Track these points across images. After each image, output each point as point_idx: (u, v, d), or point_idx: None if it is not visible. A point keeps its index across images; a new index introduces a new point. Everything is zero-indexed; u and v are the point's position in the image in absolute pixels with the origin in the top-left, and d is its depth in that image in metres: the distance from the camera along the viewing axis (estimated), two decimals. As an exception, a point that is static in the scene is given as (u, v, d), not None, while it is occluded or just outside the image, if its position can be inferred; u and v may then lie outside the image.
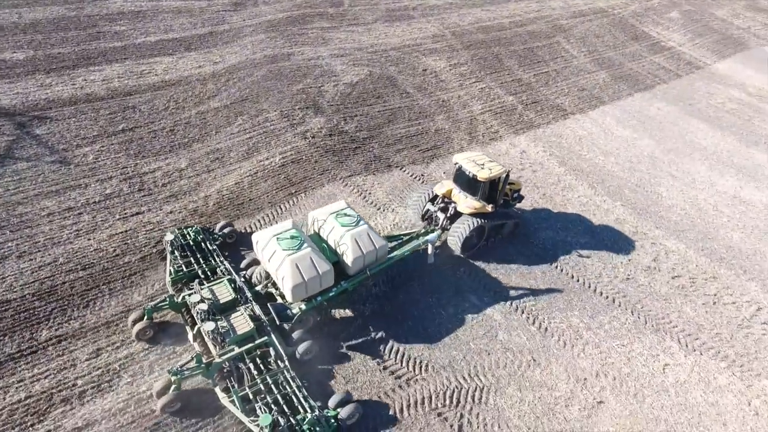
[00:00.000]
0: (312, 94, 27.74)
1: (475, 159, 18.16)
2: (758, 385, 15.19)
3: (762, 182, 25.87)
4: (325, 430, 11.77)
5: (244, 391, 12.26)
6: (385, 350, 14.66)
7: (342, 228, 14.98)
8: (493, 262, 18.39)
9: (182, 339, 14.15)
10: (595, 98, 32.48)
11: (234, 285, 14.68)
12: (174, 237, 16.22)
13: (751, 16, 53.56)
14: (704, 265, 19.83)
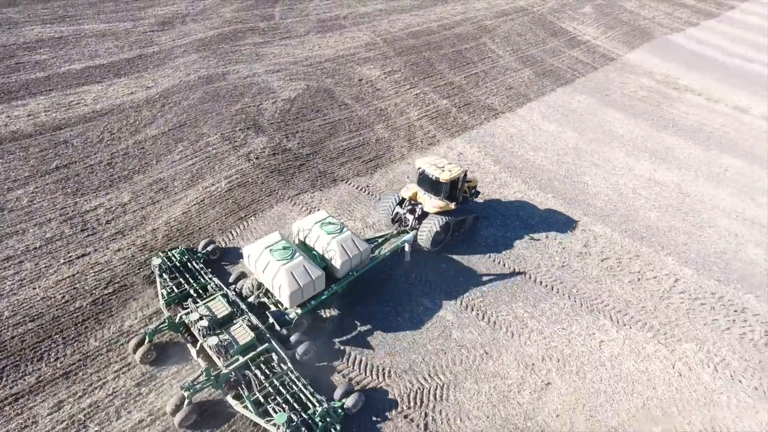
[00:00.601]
0: (252, 114, 27.97)
1: (436, 163, 19.99)
2: (680, 349, 17.22)
3: (672, 164, 28.68)
4: (335, 420, 13.05)
5: (255, 395, 13.27)
6: (348, 362, 15.49)
7: (328, 235, 16.35)
8: (443, 264, 19.61)
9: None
10: (522, 96, 34.60)
11: (228, 299, 15.73)
12: (161, 261, 16.88)
13: (655, 6, 58.26)
14: (628, 246, 21.97)
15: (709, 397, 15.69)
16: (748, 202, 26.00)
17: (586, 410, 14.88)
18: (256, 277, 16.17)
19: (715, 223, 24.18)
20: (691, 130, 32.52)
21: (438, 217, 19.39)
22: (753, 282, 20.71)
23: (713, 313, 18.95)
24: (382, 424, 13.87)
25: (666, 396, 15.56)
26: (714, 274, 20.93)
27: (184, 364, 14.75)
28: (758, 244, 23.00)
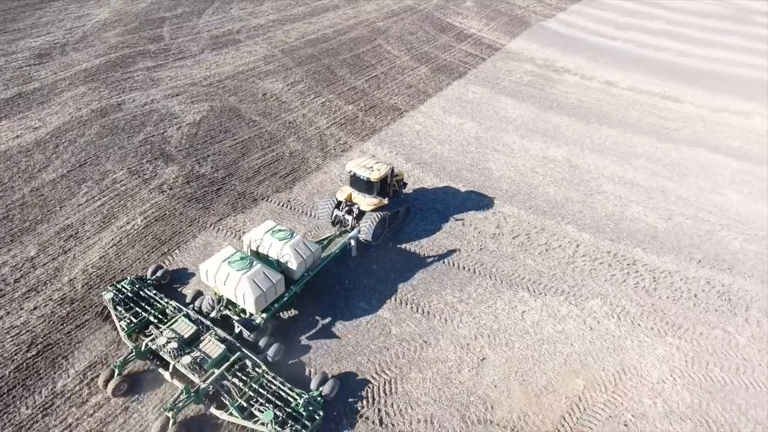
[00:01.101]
0: (157, 143, 27.15)
1: (364, 164, 21.53)
2: (588, 306, 19.65)
3: (561, 140, 31.91)
4: (317, 407, 14.31)
5: (237, 402, 14.09)
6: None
7: (280, 242, 17.44)
8: (373, 266, 20.64)
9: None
10: (422, 93, 36.51)
11: (190, 318, 16.26)
12: (113, 294, 16.97)
13: (528, -6, 63.32)
14: (534, 221, 24.38)
15: (616, 344, 18.16)
16: (626, 166, 29.69)
17: (519, 376, 16.67)
18: (217, 290, 16.86)
19: (602, 189, 27.42)
20: (572, 108, 36.24)
21: (374, 214, 21.06)
22: (638, 237, 23.93)
23: (611, 270, 21.73)
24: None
25: (582, 350, 17.79)
26: (607, 234, 23.89)
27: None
28: (638, 203, 26.47)
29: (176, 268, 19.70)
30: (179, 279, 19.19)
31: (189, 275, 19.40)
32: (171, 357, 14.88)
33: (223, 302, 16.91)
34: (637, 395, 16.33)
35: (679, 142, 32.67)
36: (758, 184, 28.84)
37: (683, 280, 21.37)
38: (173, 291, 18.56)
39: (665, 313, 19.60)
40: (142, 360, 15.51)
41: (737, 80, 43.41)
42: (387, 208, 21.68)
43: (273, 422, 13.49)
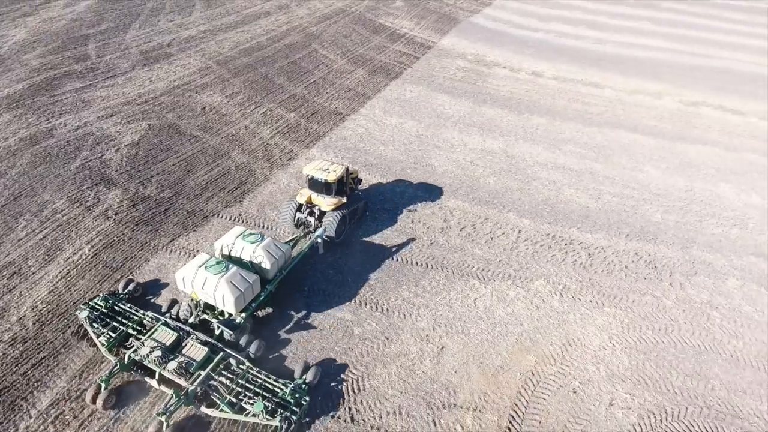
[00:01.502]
0: (96, 168, 26.45)
1: (320, 167, 22.69)
2: (533, 287, 21.22)
3: (496, 132, 33.68)
4: (303, 394, 15.51)
5: (227, 398, 15.01)
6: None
7: (252, 245, 18.46)
8: (330, 271, 21.30)
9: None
10: (361, 95, 37.32)
11: (170, 326, 16.87)
12: (88, 312, 17.33)
13: (454, -9, 65.42)
14: (478, 212, 25.82)
15: (561, 319, 19.79)
16: (557, 152, 31.82)
17: (477, 359, 17.90)
18: (194, 296, 17.59)
19: (537, 176, 29.32)
20: (504, 100, 38.21)
21: (335, 213, 22.29)
22: (572, 217, 25.89)
23: (551, 251, 23.48)
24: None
25: (531, 328, 19.28)
26: (545, 218, 25.69)
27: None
28: (570, 186, 28.53)
29: (147, 280, 20.05)
30: (152, 290, 19.71)
31: (161, 286, 20.04)
32: (156, 365, 15.58)
33: (201, 307, 17.75)
34: (583, 363, 17.97)
35: (602, 125, 35.30)
36: (673, 159, 31.75)
37: (615, 254, 23.45)
38: (147, 303, 19.10)
39: (601, 286, 21.50)
40: (126, 372, 16.05)
41: (648, 63, 47.08)
42: (346, 206, 23.01)
43: (264, 412, 14.59)
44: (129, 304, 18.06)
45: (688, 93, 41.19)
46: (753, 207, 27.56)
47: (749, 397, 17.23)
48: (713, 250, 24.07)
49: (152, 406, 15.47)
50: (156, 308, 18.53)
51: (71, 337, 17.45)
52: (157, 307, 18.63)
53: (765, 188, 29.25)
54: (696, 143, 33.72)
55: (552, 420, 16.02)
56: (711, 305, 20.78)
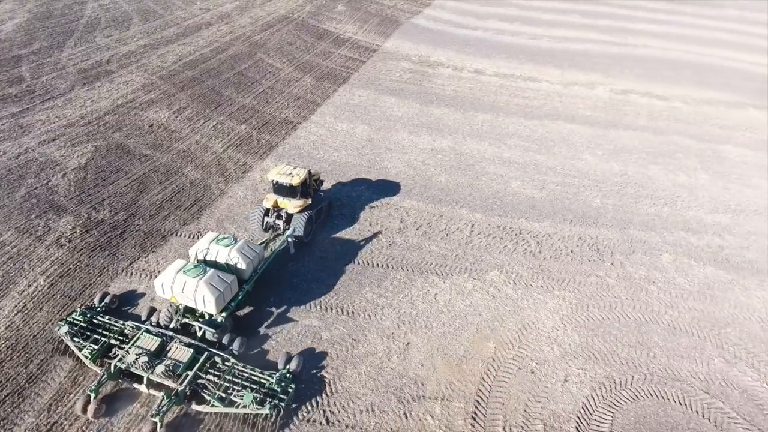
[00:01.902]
0: (42, 195, 25.74)
1: (284, 171, 23.74)
2: (488, 278, 22.51)
3: (444, 131, 34.98)
4: (288, 383, 16.60)
5: (216, 394, 15.88)
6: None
7: (227, 248, 19.40)
8: (294, 280, 21.80)
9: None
10: (311, 102, 37.75)
11: (152, 332, 17.52)
12: (68, 327, 17.63)
13: (394, -8, 66.57)
14: (432, 210, 26.94)
15: (516, 305, 21.14)
16: (502, 146, 33.43)
17: (441, 352, 18.93)
18: (174, 300, 18.32)
19: (486, 171, 30.77)
20: (449, 99, 39.62)
21: (302, 214, 23.52)
22: (520, 208, 27.45)
23: (503, 242, 24.88)
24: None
25: (489, 316, 20.52)
26: (495, 211, 27.11)
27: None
28: (517, 178, 30.14)
29: (122, 291, 20.62)
30: (128, 301, 20.20)
31: (138, 296, 20.55)
32: (143, 370, 16.23)
33: (181, 311, 18.47)
34: (538, 345, 19.35)
35: (542, 118, 37.29)
36: (607, 145, 34.03)
37: (561, 240, 25.12)
38: (124, 313, 19.56)
39: (550, 271, 23.06)
40: (113, 380, 16.58)
41: (580, 56, 49.84)
42: (311, 207, 24.25)
43: (253, 402, 15.56)
44: (107, 316, 18.57)
45: (618, 82, 44.01)
46: (680, 185, 30.06)
47: (686, 360, 19.10)
48: (648, 228, 26.20)
49: (142, 412, 16.12)
50: (135, 318, 19.10)
51: (53, 354, 17.72)
52: (136, 317, 19.20)
53: (689, 167, 31.91)
54: (627, 129, 36.23)
55: (514, 400, 17.26)
56: (648, 280, 22.73)
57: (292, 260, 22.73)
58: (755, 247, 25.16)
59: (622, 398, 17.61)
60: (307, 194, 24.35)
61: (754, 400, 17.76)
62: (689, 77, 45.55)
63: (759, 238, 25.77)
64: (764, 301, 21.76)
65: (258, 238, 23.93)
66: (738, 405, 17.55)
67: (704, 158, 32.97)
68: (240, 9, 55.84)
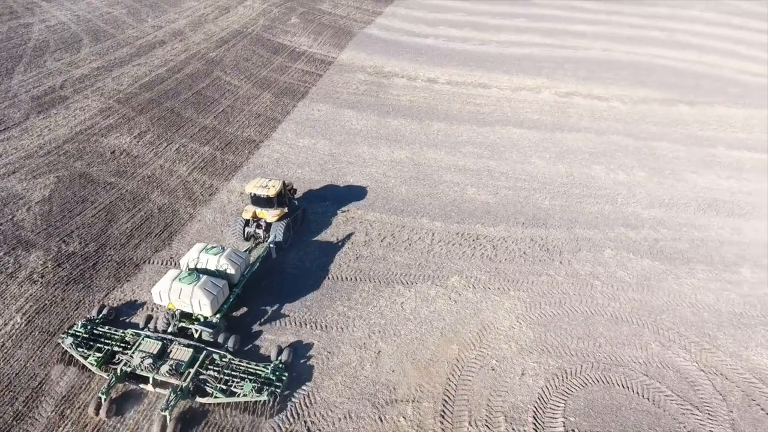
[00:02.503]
0: (8, 231, 25.85)
1: (260, 184, 25.92)
2: (450, 284, 24.31)
3: (402, 142, 36.66)
4: (282, 372, 18.81)
5: (218, 387, 17.85)
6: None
7: (216, 256, 21.41)
8: (267, 296, 22.95)
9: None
10: (272, 120, 38.70)
11: (152, 337, 19.27)
12: (72, 339, 19.23)
13: (345, 2, 67.81)
14: (395, 221, 28.56)
15: (475, 308, 23.01)
16: (457, 154, 35.40)
17: (410, 357, 20.56)
18: (171, 307, 20.10)
19: (443, 179, 32.63)
20: (405, 109, 41.36)
21: (280, 223, 25.72)
22: (476, 214, 29.42)
23: (461, 248, 26.75)
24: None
25: (452, 320, 22.29)
26: (453, 218, 28.98)
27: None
28: (472, 185, 32.14)
29: (119, 304, 22.30)
30: (125, 312, 21.91)
31: (136, 306, 22.28)
32: (149, 371, 18.05)
33: (177, 316, 20.26)
34: (497, 344, 21.26)
35: (493, 124, 39.53)
36: (554, 148, 36.55)
37: (514, 242, 27.22)
38: (122, 323, 21.20)
39: (506, 273, 25.08)
40: (121, 382, 18.29)
41: (526, 60, 52.58)
42: (288, 215, 26.39)
43: (252, 390, 17.61)
44: (107, 327, 20.26)
45: (562, 85, 46.87)
46: (620, 183, 32.80)
47: (627, 347, 21.42)
48: (592, 226, 28.66)
49: (149, 408, 17.89)
50: (133, 326, 20.81)
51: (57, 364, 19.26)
52: (134, 325, 20.89)
53: (628, 165, 34.76)
54: (571, 131, 38.92)
55: (477, 396, 19.07)
56: (593, 275, 25.08)
57: (266, 276, 23.89)
58: (685, 237, 27.99)
59: (573, 386, 19.70)
60: (284, 203, 26.34)
61: (686, 378, 20.20)
62: (626, 77, 48.91)
63: (689, 230, 28.64)
64: (693, 288, 24.46)
65: (239, 247, 25.38)
66: (672, 383, 19.93)
67: (641, 156, 35.93)
68: (193, 25, 55.84)
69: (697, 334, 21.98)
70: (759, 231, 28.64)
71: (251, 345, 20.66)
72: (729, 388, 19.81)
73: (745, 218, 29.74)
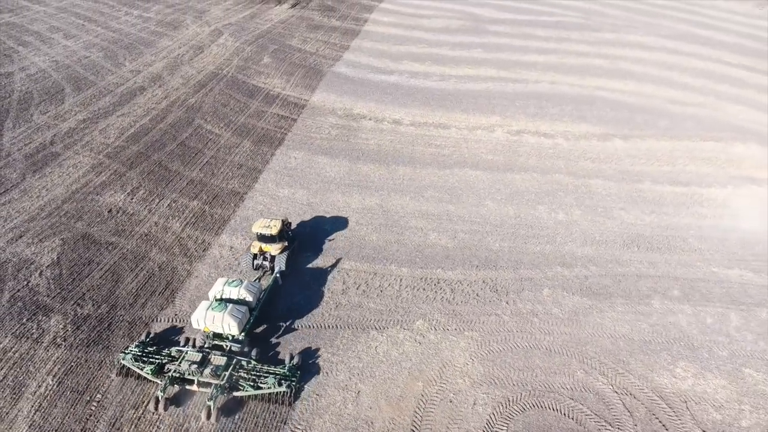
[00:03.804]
0: (27, 297, 29.28)
1: (264, 224, 32.17)
2: (416, 327, 28.96)
3: (371, 188, 41.17)
4: (295, 371, 25.48)
5: (248, 383, 24.60)
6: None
7: (236, 288, 28.12)
8: (262, 344, 27.18)
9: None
10: (253, 170, 42.67)
11: (193, 351, 25.70)
12: (131, 355, 25.38)
13: (314, 37, 71.78)
14: (367, 269, 33.11)
15: (436, 348, 27.81)
16: (421, 199, 40.19)
17: (384, 395, 25.22)
18: (206, 329, 26.79)
19: (409, 225, 37.37)
20: (373, 153, 45.92)
21: (282, 255, 32.24)
22: (437, 259, 34.27)
23: (425, 292, 31.54)
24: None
25: (417, 360, 27.03)
26: (418, 264, 33.75)
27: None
28: (434, 230, 36.99)
29: (160, 330, 28.37)
30: (165, 337, 27.94)
31: (176, 332, 28.33)
32: (194, 374, 24.45)
33: (211, 337, 26.87)
34: (454, 379, 26.14)
35: (453, 167, 44.49)
36: (505, 190, 41.75)
37: (469, 285, 32.19)
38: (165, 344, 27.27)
39: (462, 315, 30.01)
40: (173, 384, 24.55)
41: (482, 97, 57.76)
42: (288, 247, 32.78)
43: (275, 384, 24.26)
44: (155, 346, 26.59)
45: (513, 122, 52.20)
46: (560, 223, 38.22)
47: (558, 375, 26.61)
48: (534, 266, 33.90)
49: (194, 403, 24.36)
50: (175, 344, 27.11)
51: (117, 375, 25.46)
52: (176, 343, 27.16)
53: (567, 204, 40.24)
54: (520, 171, 44.21)
55: (438, 425, 23.91)
56: (532, 313, 30.26)
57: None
58: (610, 273, 33.54)
59: (514, 411, 24.75)
60: (284, 238, 32.64)
61: (603, 399, 25.51)
62: (570, 112, 54.61)
63: (613, 266, 34.22)
64: (613, 320, 29.91)
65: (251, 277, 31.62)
66: (592, 404, 25.20)
67: (578, 194, 41.50)
68: (170, 68, 58.90)
69: (614, 361, 27.38)
70: (670, 264, 34.44)
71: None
72: (636, 405, 25.23)
73: (660, 252, 35.55)
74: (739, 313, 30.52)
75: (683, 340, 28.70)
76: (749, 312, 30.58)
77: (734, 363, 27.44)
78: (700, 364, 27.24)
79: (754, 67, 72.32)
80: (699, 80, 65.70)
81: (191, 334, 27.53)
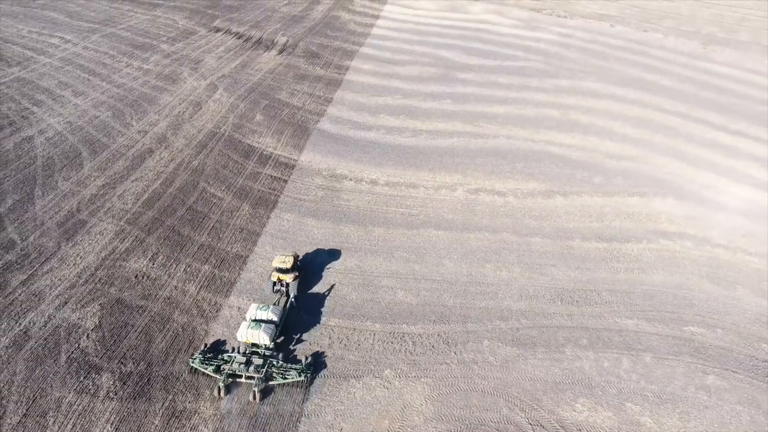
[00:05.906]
0: (80, 358, 37.36)
1: (281, 260, 43.59)
2: (384, 375, 37.91)
3: (351, 249, 49.84)
4: (310, 366, 37.47)
5: (280, 374, 36.42)
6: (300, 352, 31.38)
7: (266, 311, 39.84)
8: (253, 407, 35.84)
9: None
10: (252, 233, 51.04)
11: (239, 356, 37.38)
12: (198, 360, 36.90)
13: (299, 88, 79.95)
14: (348, 325, 41.86)
15: (399, 392, 36.71)
16: (392, 260, 49.04)
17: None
18: (247, 341, 38.50)
19: (381, 284, 46.18)
20: (353, 215, 54.61)
21: (295, 282, 43.73)
22: (403, 315, 43.21)
23: (393, 344, 40.45)
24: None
25: (386, 403, 35.89)
26: (387, 320, 42.63)
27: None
28: (401, 288, 45.88)
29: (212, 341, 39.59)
30: (216, 347, 39.21)
31: (222, 343, 39.37)
32: (242, 371, 36.38)
33: (250, 346, 38.34)
34: (412, 417, 35.13)
35: (419, 227, 53.44)
36: (460, 249, 50.85)
37: (427, 337, 41.22)
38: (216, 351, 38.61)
39: (420, 363, 39.03)
40: (227, 379, 36.04)
41: (448, 154, 66.64)
42: (298, 276, 43.88)
43: (297, 375, 36.06)
44: (210, 354, 37.96)
45: (473, 181, 61.32)
46: (502, 281, 47.47)
47: (489, 412, 35.81)
48: (478, 321, 43.08)
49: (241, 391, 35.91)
50: (225, 352, 38.27)
51: (186, 372, 37.03)
52: (226, 351, 38.32)
53: (509, 262, 49.50)
54: (474, 231, 53.37)
55: (399, 455, 32.95)
56: (474, 361, 39.45)
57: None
58: (537, 326, 42.93)
59: (456, 442, 33.91)
60: (296, 269, 43.68)
61: (521, 429, 34.80)
62: (521, 169, 63.93)
63: (540, 319, 43.62)
64: (534, 366, 39.25)
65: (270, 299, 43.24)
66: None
67: (520, 252, 50.82)
68: (173, 127, 66.60)
69: (531, 399, 36.72)
70: (584, 316, 44.00)
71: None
72: (544, 435, 34.66)
73: (577, 305, 45.09)
74: (630, 357, 40.20)
75: (584, 380, 38.22)
76: (637, 356, 40.28)
77: (620, 398, 37.03)
78: (594, 400, 36.75)
79: (688, 115, 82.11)
80: (638, 131, 75.19)
81: (234, 344, 39.31)
